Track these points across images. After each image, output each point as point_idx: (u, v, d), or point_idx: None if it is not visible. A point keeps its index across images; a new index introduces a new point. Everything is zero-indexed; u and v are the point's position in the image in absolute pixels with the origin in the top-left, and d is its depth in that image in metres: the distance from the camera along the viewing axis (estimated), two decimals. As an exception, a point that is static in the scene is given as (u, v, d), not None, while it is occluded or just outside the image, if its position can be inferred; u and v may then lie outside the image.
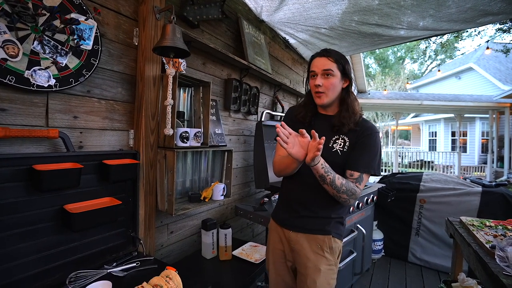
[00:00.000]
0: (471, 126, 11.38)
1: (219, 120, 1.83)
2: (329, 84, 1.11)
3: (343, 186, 1.04)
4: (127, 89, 1.32)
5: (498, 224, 1.55)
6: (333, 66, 1.11)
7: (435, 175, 3.02)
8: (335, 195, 1.06)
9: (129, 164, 1.22)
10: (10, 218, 0.91)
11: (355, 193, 1.07)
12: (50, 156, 1.00)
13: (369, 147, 1.11)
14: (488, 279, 1.09)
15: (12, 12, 0.89)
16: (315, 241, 1.14)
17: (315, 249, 1.14)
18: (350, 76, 1.16)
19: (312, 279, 1.12)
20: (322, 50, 1.16)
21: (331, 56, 1.12)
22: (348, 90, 1.17)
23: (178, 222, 1.64)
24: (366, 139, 1.12)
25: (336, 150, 1.13)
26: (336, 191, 1.04)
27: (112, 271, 1.09)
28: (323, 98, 1.13)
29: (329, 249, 1.14)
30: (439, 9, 2.03)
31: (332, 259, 1.15)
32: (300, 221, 1.17)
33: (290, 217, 1.20)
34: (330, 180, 1.02)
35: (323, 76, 1.11)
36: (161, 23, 1.36)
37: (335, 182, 1.03)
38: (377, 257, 2.89)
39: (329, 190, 1.05)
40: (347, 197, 1.06)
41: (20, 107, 0.96)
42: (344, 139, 1.14)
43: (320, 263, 1.13)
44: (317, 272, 1.12)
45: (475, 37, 13.21)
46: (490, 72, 10.60)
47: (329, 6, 2.10)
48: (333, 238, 1.15)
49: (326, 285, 1.13)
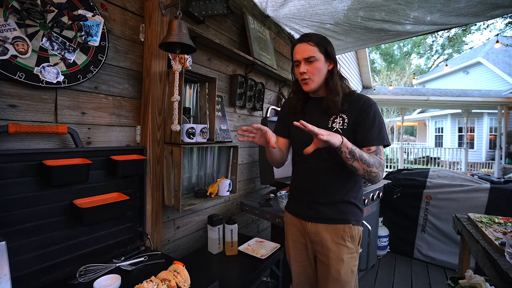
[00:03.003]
0: (479, 122, 11.20)
1: (224, 116, 1.83)
2: (314, 69, 1.11)
3: (371, 158, 1.04)
4: (134, 85, 1.32)
5: (507, 221, 1.53)
6: (315, 50, 1.09)
7: (442, 171, 2.99)
8: (365, 172, 1.03)
9: (136, 160, 1.23)
10: (21, 213, 0.93)
11: (382, 163, 1.06)
12: (59, 151, 1.01)
13: (373, 120, 1.10)
14: (497, 276, 1.08)
15: (21, 9, 0.90)
16: (335, 231, 1.14)
17: (336, 239, 1.14)
18: (334, 57, 1.14)
19: (336, 269, 1.13)
20: (302, 35, 1.15)
21: (311, 41, 1.10)
22: (332, 72, 1.14)
23: (184, 217, 1.65)
24: (367, 113, 1.10)
25: (337, 129, 1.13)
26: (366, 165, 1.02)
27: (120, 265, 1.11)
28: (310, 84, 1.14)
29: (350, 238, 1.14)
30: (447, 4, 1.99)
31: (353, 247, 1.16)
32: (315, 210, 1.18)
33: (305, 207, 1.21)
34: (359, 155, 1.01)
35: (306, 62, 1.11)
36: (167, 19, 1.36)
37: (364, 156, 1.02)
38: (383, 254, 2.88)
39: (359, 167, 1.02)
40: (377, 170, 1.04)
41: (29, 103, 0.98)
42: (343, 117, 1.13)
43: (342, 253, 1.13)
44: (340, 263, 1.13)
45: (483, 31, 12.91)
46: (499, 66, 10.39)
47: (335, 3, 2.08)
48: (353, 226, 1.15)
49: (350, 273, 1.14)
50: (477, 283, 1.52)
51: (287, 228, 1.33)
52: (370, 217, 2.37)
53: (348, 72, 7.11)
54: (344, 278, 1.13)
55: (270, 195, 2.05)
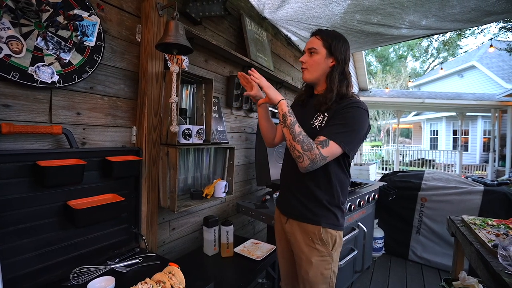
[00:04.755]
0: (473, 125, 11.33)
1: (221, 117, 1.83)
2: (312, 61, 1.15)
3: (301, 135, 1.01)
4: (130, 85, 1.32)
5: (500, 223, 1.55)
6: (318, 43, 1.13)
7: (437, 173, 3.01)
8: (291, 146, 1.03)
9: (131, 161, 1.22)
10: (15, 214, 0.91)
11: (311, 149, 0.99)
12: (53, 152, 1.00)
13: (344, 118, 1.05)
14: (490, 277, 1.09)
15: (16, 8, 0.89)
16: (306, 232, 1.14)
17: (307, 241, 1.14)
18: (336, 55, 1.12)
19: (304, 270, 1.15)
20: (315, 30, 1.19)
21: (319, 35, 1.15)
22: (333, 70, 1.13)
23: (180, 219, 1.64)
24: (345, 110, 1.06)
25: (316, 126, 1.11)
26: (292, 138, 1.01)
27: (115, 267, 1.10)
28: (306, 74, 1.18)
29: (320, 241, 1.12)
30: (442, 9, 2.02)
31: (325, 250, 1.13)
32: (291, 206, 1.20)
33: (284, 202, 1.25)
34: (291, 122, 1.03)
35: (308, 53, 1.16)
36: (163, 19, 1.36)
37: (294, 127, 1.02)
38: (378, 255, 2.89)
39: (287, 136, 1.04)
40: (302, 151, 0.99)
41: (23, 103, 0.97)
42: (324, 115, 1.12)
43: (311, 255, 1.13)
44: (309, 264, 1.14)
45: (478, 35, 13.12)
46: (493, 70, 10.52)
47: (332, 6, 2.10)
48: (324, 228, 1.12)
49: (319, 275, 1.14)
50: (470, 284, 1.53)
51: (275, 224, 1.36)
52: (366, 219, 2.38)
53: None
54: (313, 279, 1.13)
55: (266, 197, 2.05)
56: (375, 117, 18.27)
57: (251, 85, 1.21)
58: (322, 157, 1.00)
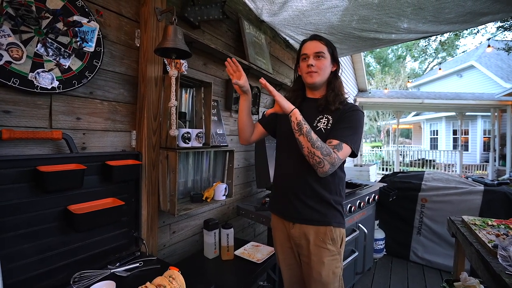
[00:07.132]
0: (473, 125, 11.34)
1: (220, 120, 1.84)
2: (321, 65, 1.17)
3: (318, 141, 1.03)
4: (129, 90, 1.33)
5: (500, 223, 1.55)
6: (324, 49, 1.17)
7: (437, 174, 3.02)
8: (309, 152, 1.03)
9: (131, 165, 1.22)
10: (15, 219, 0.92)
11: (330, 153, 1.02)
12: (54, 157, 1.01)
13: (350, 122, 1.12)
14: (490, 278, 1.09)
15: (16, 15, 0.90)
16: (317, 234, 1.15)
17: (318, 242, 1.15)
18: (338, 60, 1.22)
19: (317, 271, 1.15)
20: (313, 35, 1.21)
21: (322, 40, 1.19)
22: (336, 74, 1.22)
23: (180, 222, 1.65)
24: (348, 115, 1.13)
25: (320, 129, 1.15)
26: (311, 145, 1.02)
27: (115, 271, 1.10)
28: (315, 76, 1.18)
29: (331, 241, 1.15)
30: (437, 15, 2.05)
31: (335, 249, 1.16)
32: (296, 210, 1.18)
33: (286, 206, 1.22)
34: (307, 130, 1.04)
35: (315, 57, 1.17)
36: (162, 24, 1.37)
37: (311, 134, 1.03)
38: (379, 256, 2.89)
39: (304, 143, 1.04)
40: (321, 155, 1.01)
41: (24, 109, 0.97)
42: (328, 118, 1.16)
43: (323, 256, 1.15)
44: (321, 265, 1.15)
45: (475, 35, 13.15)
46: (491, 70, 10.55)
47: (328, 15, 2.12)
48: (334, 228, 1.16)
49: (331, 275, 1.16)
50: (471, 285, 1.53)
51: (274, 233, 1.35)
52: (366, 220, 2.38)
53: (343, 75, 7.17)
54: (326, 279, 1.15)
55: (266, 199, 2.05)
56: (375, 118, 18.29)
57: (239, 73, 1.18)
58: (339, 160, 1.06)
